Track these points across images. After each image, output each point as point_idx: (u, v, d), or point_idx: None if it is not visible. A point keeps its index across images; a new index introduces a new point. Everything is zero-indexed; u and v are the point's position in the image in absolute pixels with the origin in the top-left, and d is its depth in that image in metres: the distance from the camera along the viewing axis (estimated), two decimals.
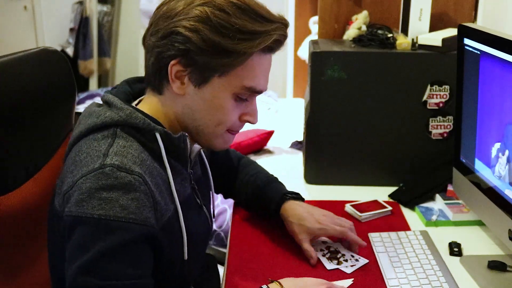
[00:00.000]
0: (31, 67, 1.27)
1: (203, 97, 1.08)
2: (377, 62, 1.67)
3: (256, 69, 1.09)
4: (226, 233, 2.12)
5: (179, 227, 1.09)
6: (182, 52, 1.04)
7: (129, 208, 0.97)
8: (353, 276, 1.27)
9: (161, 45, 1.06)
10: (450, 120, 1.71)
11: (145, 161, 1.04)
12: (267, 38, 1.06)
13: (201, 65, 1.05)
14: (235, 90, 1.08)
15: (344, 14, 1.88)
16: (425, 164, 1.73)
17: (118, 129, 1.06)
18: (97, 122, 1.07)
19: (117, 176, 0.98)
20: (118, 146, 1.03)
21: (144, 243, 1.00)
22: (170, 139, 1.08)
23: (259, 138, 2.57)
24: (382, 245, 1.39)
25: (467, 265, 1.33)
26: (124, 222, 0.96)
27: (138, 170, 1.01)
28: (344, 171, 1.78)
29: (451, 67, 1.54)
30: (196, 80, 1.07)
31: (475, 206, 1.45)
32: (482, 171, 1.38)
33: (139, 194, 0.99)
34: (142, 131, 1.07)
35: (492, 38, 1.27)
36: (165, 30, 1.05)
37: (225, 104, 1.09)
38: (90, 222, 0.96)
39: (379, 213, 1.57)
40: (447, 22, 1.83)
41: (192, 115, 1.11)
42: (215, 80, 1.07)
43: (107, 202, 0.96)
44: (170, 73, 1.07)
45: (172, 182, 1.08)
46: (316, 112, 1.73)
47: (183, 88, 1.08)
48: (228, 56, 1.04)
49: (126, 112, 1.07)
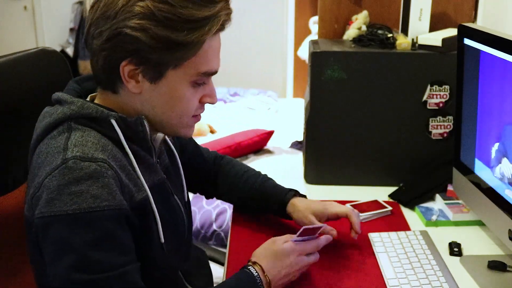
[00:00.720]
0: (30, 68, 1.27)
1: (161, 91, 1.07)
2: (377, 62, 1.67)
3: (208, 53, 1.07)
4: (226, 233, 2.12)
5: (151, 209, 1.08)
6: (132, 52, 1.02)
7: (101, 196, 0.96)
8: (354, 276, 1.27)
9: (108, 48, 1.03)
10: (450, 120, 1.71)
11: (106, 146, 1.03)
12: (216, 22, 1.04)
13: (154, 62, 1.03)
14: (192, 78, 1.07)
15: (344, 14, 1.88)
16: (425, 164, 1.73)
17: (73, 122, 1.04)
18: (50, 121, 1.05)
19: (82, 167, 0.97)
20: (76, 137, 1.02)
21: (123, 226, 1.00)
22: (126, 124, 1.07)
23: (259, 138, 2.57)
24: (382, 245, 1.39)
25: (467, 265, 1.33)
26: (99, 211, 0.96)
27: (102, 156, 1.00)
28: (344, 171, 1.78)
29: (451, 67, 1.54)
30: (150, 76, 1.05)
31: (475, 206, 1.45)
32: (482, 171, 1.38)
33: (108, 179, 0.98)
34: (97, 120, 1.05)
35: (492, 38, 1.27)
36: (110, 32, 1.01)
37: (184, 94, 1.08)
38: (66, 219, 0.95)
39: (379, 213, 1.57)
40: (447, 22, 1.83)
41: (153, 110, 1.09)
42: (170, 73, 1.05)
43: (78, 195, 0.95)
44: (123, 73, 1.04)
45: (136, 166, 1.07)
46: (316, 112, 1.73)
47: (138, 87, 1.06)
48: (181, 48, 1.02)
49: (78, 104, 1.05)
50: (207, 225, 2.19)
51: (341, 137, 1.74)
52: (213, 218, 2.19)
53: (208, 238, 2.19)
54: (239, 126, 3.02)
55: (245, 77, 4.89)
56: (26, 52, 1.29)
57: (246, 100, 3.97)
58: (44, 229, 0.96)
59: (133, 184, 1.05)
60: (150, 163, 1.13)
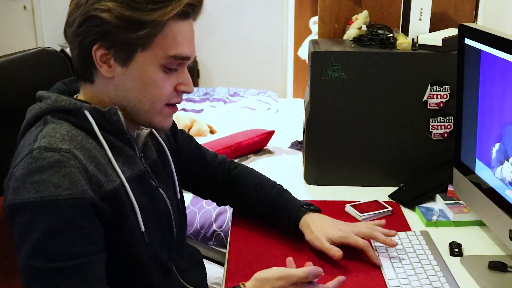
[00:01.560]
0: (31, 68, 1.27)
1: (132, 75, 1.09)
2: (377, 62, 1.67)
3: (177, 36, 1.09)
4: (226, 233, 2.12)
5: (127, 198, 1.09)
6: (101, 35, 1.05)
7: (63, 185, 0.98)
8: (354, 276, 1.27)
9: (80, 33, 1.07)
10: (450, 120, 1.70)
11: (75, 136, 1.05)
12: (177, 4, 1.06)
13: (121, 43, 1.06)
14: (161, 61, 1.09)
15: (344, 14, 1.88)
16: (425, 164, 1.73)
17: (49, 116, 1.08)
18: (30, 118, 1.10)
19: (45, 157, 1.00)
20: (48, 129, 1.05)
21: (88, 216, 1.01)
22: (100, 114, 1.09)
23: (259, 138, 2.57)
24: (382, 245, 1.38)
25: (468, 265, 1.33)
26: (60, 199, 0.98)
27: (66, 147, 1.02)
28: (344, 171, 1.77)
29: (451, 67, 1.54)
30: (121, 59, 1.08)
31: (476, 206, 1.45)
32: (483, 171, 1.37)
33: (70, 169, 1.00)
34: (71, 112, 1.08)
35: (492, 38, 1.27)
36: (80, 17, 1.06)
37: (154, 77, 1.10)
38: (28, 207, 0.97)
39: (379, 213, 1.57)
40: (448, 22, 1.83)
41: (126, 96, 1.11)
42: (139, 55, 1.08)
43: (39, 184, 0.97)
44: (95, 58, 1.07)
45: (111, 156, 1.09)
46: (316, 112, 1.72)
47: (111, 71, 1.09)
48: (144, 27, 1.05)
49: (52, 99, 1.09)
50: (207, 225, 2.19)
51: (341, 137, 1.74)
52: (213, 219, 2.19)
53: (208, 238, 2.19)
54: (239, 126, 3.02)
55: (245, 77, 4.89)
56: (27, 52, 1.29)
57: (246, 100, 3.97)
58: (11, 217, 1.00)
59: (103, 174, 1.06)
60: (128, 155, 1.14)
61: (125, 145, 1.14)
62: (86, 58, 1.09)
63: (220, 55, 4.89)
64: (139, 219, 1.11)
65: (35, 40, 4.78)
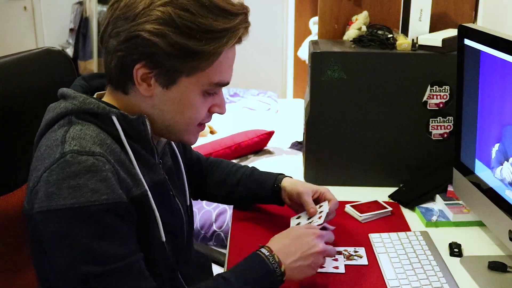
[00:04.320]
0: (35, 67, 1.27)
1: (172, 97, 1.07)
2: (377, 62, 1.67)
3: (223, 64, 1.07)
4: (226, 233, 2.12)
5: (149, 206, 1.08)
6: (147, 56, 1.02)
7: (100, 190, 0.96)
8: (354, 276, 1.27)
9: (124, 49, 1.03)
10: (450, 120, 1.71)
11: (104, 140, 1.03)
12: (234, 35, 1.05)
13: (167, 68, 1.03)
14: (203, 87, 1.07)
15: (344, 15, 1.88)
16: (425, 165, 1.73)
17: (73, 117, 1.05)
18: (53, 116, 1.06)
19: (80, 161, 0.97)
20: (75, 131, 1.02)
21: (125, 219, 1.01)
22: (127, 121, 1.07)
23: (259, 139, 2.57)
24: (383, 245, 1.39)
25: (468, 265, 1.33)
26: (98, 205, 0.96)
27: (99, 150, 1.00)
28: (344, 171, 1.78)
29: (451, 67, 1.54)
30: (163, 81, 1.05)
31: (475, 206, 1.45)
32: (482, 171, 1.38)
33: (106, 173, 0.98)
34: (98, 115, 1.05)
35: (492, 38, 1.27)
36: (127, 33, 1.01)
37: (194, 102, 1.08)
38: (65, 213, 0.95)
39: (379, 213, 1.57)
40: (447, 22, 1.83)
41: (162, 115, 1.09)
42: (183, 80, 1.05)
43: (76, 189, 0.95)
44: (136, 76, 1.04)
45: (135, 163, 1.07)
46: (316, 112, 1.73)
47: (150, 90, 1.06)
48: (197, 58, 1.03)
49: (80, 100, 1.06)
50: (207, 226, 2.19)
51: (341, 138, 1.74)
52: (213, 219, 2.19)
53: (208, 238, 2.19)
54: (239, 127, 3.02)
55: (245, 78, 4.89)
56: (31, 52, 1.29)
57: (246, 100, 3.97)
58: (44, 224, 0.97)
59: (131, 179, 1.05)
60: (150, 163, 1.13)
61: (147, 154, 1.13)
62: (124, 73, 1.05)
63: None
64: (160, 229, 1.10)
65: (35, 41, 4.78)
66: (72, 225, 0.95)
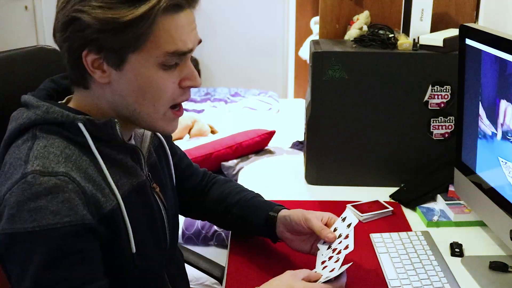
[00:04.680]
0: (28, 65, 1.25)
1: (128, 78, 0.99)
2: (378, 62, 1.67)
3: (172, 31, 0.98)
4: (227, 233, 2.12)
5: (122, 219, 1.03)
6: (86, 39, 0.96)
7: (61, 212, 0.92)
8: (354, 276, 1.27)
9: (67, 38, 0.98)
10: (451, 120, 1.70)
11: (70, 156, 0.98)
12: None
13: (110, 47, 0.96)
14: (158, 59, 0.99)
15: (345, 14, 1.88)
16: (426, 165, 1.73)
17: (38, 130, 0.99)
18: (16, 127, 1.01)
19: (41, 182, 0.93)
20: (38, 148, 0.97)
21: (89, 241, 0.97)
22: (96, 126, 1.01)
23: (260, 139, 2.57)
24: (384, 245, 1.39)
25: (469, 265, 1.33)
26: (60, 228, 0.92)
27: (62, 169, 0.95)
28: (345, 171, 1.77)
29: (452, 67, 1.54)
30: (113, 63, 0.98)
31: (477, 206, 1.45)
32: (483, 171, 1.37)
33: (68, 194, 0.94)
34: (63, 125, 1.00)
35: (493, 38, 1.27)
36: (63, 20, 0.97)
37: (152, 79, 1.00)
38: (26, 237, 0.92)
39: (380, 213, 1.57)
40: (449, 22, 1.83)
41: (124, 101, 1.02)
42: (132, 57, 0.98)
43: (37, 212, 0.91)
44: (86, 64, 0.98)
45: (107, 173, 1.01)
46: (317, 112, 1.72)
47: (106, 76, 1.00)
48: (128, 29, 0.95)
49: (43, 109, 1.00)
50: (208, 226, 2.19)
51: (342, 137, 1.74)
52: None
53: (209, 238, 2.19)
54: (240, 126, 3.02)
55: (246, 77, 4.89)
56: (24, 49, 1.27)
57: (247, 100, 3.97)
58: (6, 247, 0.94)
59: (101, 194, 1.00)
60: (128, 166, 1.07)
61: (125, 156, 1.07)
62: (77, 64, 1.00)
63: (221, 55, 4.89)
64: (131, 241, 1.04)
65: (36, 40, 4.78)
66: (32, 249, 0.92)
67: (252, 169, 2.10)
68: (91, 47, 0.97)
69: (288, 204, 1.34)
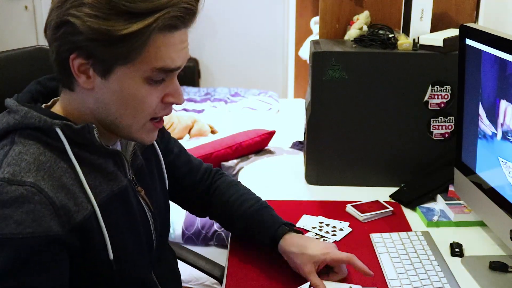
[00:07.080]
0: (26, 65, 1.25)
1: (112, 88, 0.98)
2: (378, 62, 1.67)
3: (162, 49, 0.97)
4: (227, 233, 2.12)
5: (98, 226, 1.01)
6: (77, 44, 0.95)
7: (25, 222, 0.91)
8: (355, 276, 1.27)
9: (57, 38, 0.96)
10: (451, 120, 1.70)
11: (43, 164, 0.96)
12: (163, 16, 0.93)
13: (99, 56, 0.95)
14: (145, 74, 0.98)
15: (345, 14, 1.88)
16: (426, 165, 1.73)
17: (17, 135, 0.98)
18: None
19: (8, 191, 0.91)
20: (13, 155, 0.96)
21: (51, 253, 0.95)
22: (73, 131, 1.00)
23: (260, 139, 2.57)
24: (384, 245, 1.39)
25: (469, 265, 1.33)
26: (21, 238, 0.91)
27: (31, 180, 0.93)
28: (345, 171, 1.77)
29: (452, 67, 1.54)
30: (100, 71, 0.97)
31: (477, 206, 1.45)
32: (483, 171, 1.37)
33: (34, 205, 0.92)
34: (41, 130, 0.98)
35: (493, 38, 1.27)
36: (56, 20, 0.95)
37: (137, 92, 0.98)
38: None
39: (380, 213, 1.57)
40: (449, 22, 1.83)
41: (106, 109, 1.01)
42: (119, 69, 0.97)
43: (1, 220, 0.90)
44: (73, 68, 0.97)
45: (83, 179, 0.99)
46: (317, 112, 1.72)
47: (90, 82, 0.98)
48: (121, 43, 0.93)
49: (21, 114, 0.99)
50: (208, 226, 2.19)
51: (342, 137, 1.74)
52: None
53: (209, 238, 2.19)
54: (240, 126, 3.02)
55: (246, 77, 4.89)
56: (22, 49, 1.27)
57: (247, 100, 3.97)
58: None
59: (74, 203, 0.98)
60: (108, 171, 1.06)
61: (106, 161, 1.05)
62: (64, 65, 0.98)
63: (221, 55, 4.89)
64: (108, 247, 1.02)
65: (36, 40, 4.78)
66: None
67: (252, 169, 2.10)
68: (80, 52, 0.96)
69: (288, 204, 1.35)
